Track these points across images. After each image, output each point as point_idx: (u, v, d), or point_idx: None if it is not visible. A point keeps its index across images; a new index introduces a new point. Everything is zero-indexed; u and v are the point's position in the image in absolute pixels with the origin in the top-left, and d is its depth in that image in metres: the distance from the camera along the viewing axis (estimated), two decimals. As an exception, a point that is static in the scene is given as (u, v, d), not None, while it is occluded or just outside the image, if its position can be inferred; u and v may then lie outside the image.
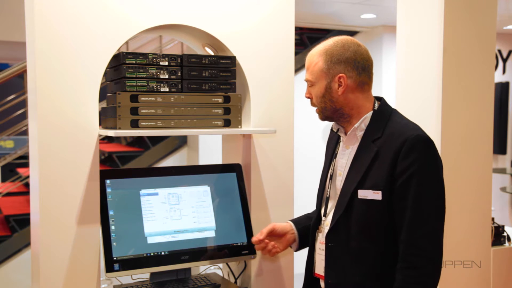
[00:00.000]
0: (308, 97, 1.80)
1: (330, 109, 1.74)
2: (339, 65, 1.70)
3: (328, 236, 1.73)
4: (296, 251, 2.00)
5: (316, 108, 1.79)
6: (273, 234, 1.93)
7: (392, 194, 1.62)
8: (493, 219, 2.92)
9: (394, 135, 1.65)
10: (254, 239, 1.93)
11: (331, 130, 1.93)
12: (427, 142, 1.64)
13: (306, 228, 1.94)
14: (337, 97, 1.71)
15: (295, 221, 1.99)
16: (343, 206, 1.69)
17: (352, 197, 1.68)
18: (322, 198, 1.84)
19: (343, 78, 1.70)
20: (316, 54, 1.75)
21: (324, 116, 1.78)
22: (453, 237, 1.67)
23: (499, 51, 6.78)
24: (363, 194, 1.66)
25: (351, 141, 1.76)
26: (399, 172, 1.61)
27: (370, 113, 1.73)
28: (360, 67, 1.70)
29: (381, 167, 1.64)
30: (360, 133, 1.73)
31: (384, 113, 1.73)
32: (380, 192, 1.63)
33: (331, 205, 1.78)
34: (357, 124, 1.73)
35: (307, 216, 2.01)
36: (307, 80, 1.78)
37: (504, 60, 6.85)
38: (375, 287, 1.66)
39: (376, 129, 1.70)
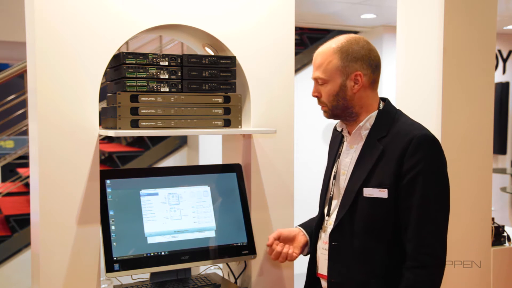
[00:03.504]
0: (316, 96, 1.75)
1: (342, 107, 1.72)
2: (355, 63, 1.69)
3: (332, 235, 1.73)
4: (306, 255, 1.95)
5: (323, 106, 1.75)
6: (282, 239, 1.90)
7: (398, 192, 1.63)
8: (493, 219, 2.91)
9: (400, 134, 1.66)
10: (268, 243, 1.89)
11: (334, 130, 1.93)
12: (434, 142, 1.65)
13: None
14: (351, 95, 1.70)
15: (303, 225, 1.97)
16: (348, 205, 1.69)
17: (357, 196, 1.68)
18: (325, 198, 1.84)
19: (359, 76, 1.69)
20: (329, 52, 1.70)
21: (332, 115, 1.75)
22: (453, 237, 1.67)
23: (499, 51, 6.78)
24: (368, 192, 1.66)
25: (356, 140, 1.76)
26: (405, 170, 1.61)
27: (375, 112, 1.74)
28: (373, 65, 1.71)
29: (387, 165, 1.65)
30: (364, 132, 1.74)
31: (389, 112, 1.74)
32: (386, 190, 1.63)
33: (335, 205, 1.79)
34: (362, 123, 1.73)
35: (312, 219, 1.99)
36: (317, 78, 1.73)
37: (504, 60, 6.85)
38: (379, 286, 1.66)
39: (382, 128, 1.70)
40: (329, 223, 1.77)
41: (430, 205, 1.61)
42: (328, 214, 1.79)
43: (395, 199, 1.63)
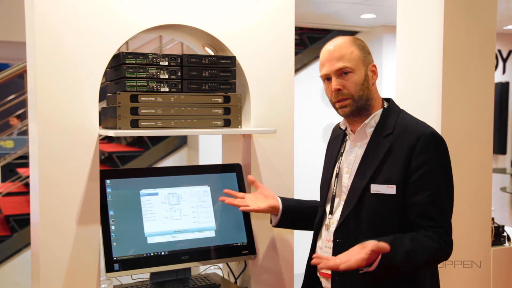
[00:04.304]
0: (340, 89, 1.71)
1: (365, 98, 1.72)
2: (369, 55, 1.75)
3: (336, 232, 1.73)
4: (274, 226, 1.99)
5: (347, 99, 1.71)
6: (259, 191, 1.98)
7: (406, 189, 1.64)
8: (493, 219, 2.92)
9: (407, 131, 1.68)
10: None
11: (334, 130, 1.94)
12: (442, 140, 1.69)
13: (291, 208, 1.96)
14: (371, 86, 1.74)
15: (283, 198, 1.99)
16: (354, 202, 1.70)
17: (364, 192, 1.68)
18: (326, 197, 1.84)
19: (375, 67, 1.75)
20: (347, 43, 1.72)
21: (356, 107, 1.72)
22: (453, 237, 1.67)
23: (499, 51, 6.78)
24: (376, 188, 1.67)
25: (360, 137, 1.77)
26: (414, 167, 1.63)
27: (380, 110, 1.76)
28: (375, 63, 1.78)
29: (394, 162, 1.66)
30: (369, 130, 1.75)
31: (394, 111, 1.77)
32: (394, 186, 1.64)
33: (338, 202, 1.79)
34: (367, 120, 1.75)
35: (297, 200, 2.03)
36: (343, 68, 1.70)
37: (504, 60, 6.85)
38: (383, 283, 1.66)
39: (387, 125, 1.72)
40: (332, 221, 1.77)
41: (440, 201, 1.63)
42: (331, 212, 1.79)
43: (402, 195, 1.64)
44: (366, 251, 1.47)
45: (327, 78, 1.75)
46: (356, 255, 1.48)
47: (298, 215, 1.98)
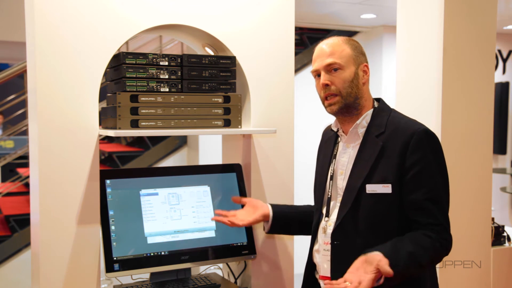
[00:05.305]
0: (327, 84, 1.71)
1: (354, 96, 1.72)
2: (362, 56, 1.76)
3: (334, 234, 1.73)
4: (267, 233, 2.00)
5: (335, 96, 1.71)
6: (248, 204, 2.01)
7: (402, 187, 1.64)
8: (493, 219, 2.91)
9: (399, 129, 1.68)
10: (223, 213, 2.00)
11: (326, 131, 1.93)
12: (435, 137, 1.68)
13: (282, 213, 1.97)
14: (361, 85, 1.74)
15: (274, 205, 2.00)
16: (350, 203, 1.70)
17: (359, 193, 1.68)
18: (322, 200, 1.84)
19: (367, 68, 1.76)
20: (339, 42, 1.74)
21: (344, 104, 1.71)
22: (453, 237, 1.67)
23: (499, 51, 6.79)
24: (371, 188, 1.66)
25: (353, 138, 1.77)
26: (409, 165, 1.63)
27: (371, 110, 1.77)
28: (368, 64, 1.79)
29: (388, 161, 1.66)
30: (361, 130, 1.75)
31: (384, 110, 1.77)
32: (389, 185, 1.64)
33: (333, 205, 1.78)
34: (358, 120, 1.75)
35: (288, 205, 2.05)
36: (332, 64, 1.70)
37: (504, 60, 6.85)
38: (383, 284, 1.66)
39: (379, 125, 1.73)
40: (329, 223, 1.77)
41: (437, 197, 1.64)
42: (328, 215, 1.79)
43: (399, 194, 1.64)
44: (372, 270, 1.50)
45: (317, 75, 1.76)
46: (363, 274, 1.50)
47: (290, 220, 2.00)
